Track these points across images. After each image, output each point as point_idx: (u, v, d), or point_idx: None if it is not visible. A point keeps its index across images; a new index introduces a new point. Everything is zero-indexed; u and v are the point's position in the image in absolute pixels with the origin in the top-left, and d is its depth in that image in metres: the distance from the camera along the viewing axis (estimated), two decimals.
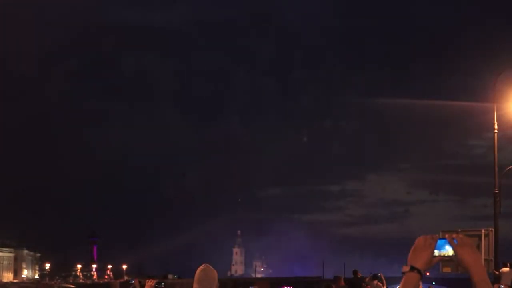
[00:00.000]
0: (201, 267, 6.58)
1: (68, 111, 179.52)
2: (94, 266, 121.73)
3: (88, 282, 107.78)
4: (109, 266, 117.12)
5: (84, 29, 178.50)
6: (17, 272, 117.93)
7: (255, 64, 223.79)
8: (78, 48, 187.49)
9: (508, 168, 27.68)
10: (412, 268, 3.37)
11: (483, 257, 15.88)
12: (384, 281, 24.05)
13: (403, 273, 3.41)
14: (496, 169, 25.16)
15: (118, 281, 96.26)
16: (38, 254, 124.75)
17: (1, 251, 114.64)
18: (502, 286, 18.56)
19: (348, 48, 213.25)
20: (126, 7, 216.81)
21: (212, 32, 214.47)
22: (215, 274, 6.56)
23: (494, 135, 25.45)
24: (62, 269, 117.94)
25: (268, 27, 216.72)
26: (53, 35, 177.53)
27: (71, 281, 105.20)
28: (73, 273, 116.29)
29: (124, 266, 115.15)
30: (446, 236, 3.39)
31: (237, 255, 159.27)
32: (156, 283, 10.26)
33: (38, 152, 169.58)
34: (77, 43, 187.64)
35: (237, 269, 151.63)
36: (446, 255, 3.37)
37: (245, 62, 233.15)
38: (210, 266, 6.60)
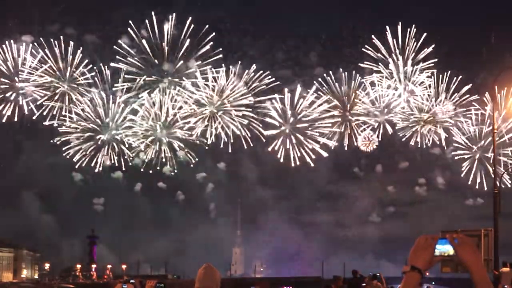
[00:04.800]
0: (203, 266, 6.57)
1: None
2: (94, 266, 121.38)
3: (88, 282, 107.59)
4: (109, 266, 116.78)
5: None
6: (16, 272, 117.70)
7: None
8: None
9: (509, 167, 27.67)
10: (413, 268, 3.38)
11: (482, 257, 15.90)
12: (384, 281, 24.06)
13: (404, 272, 3.42)
14: (496, 168, 25.18)
15: (118, 280, 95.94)
16: (38, 254, 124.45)
17: (1, 251, 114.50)
18: (506, 287, 18.51)
19: None
20: None
21: None
22: (217, 273, 6.53)
23: (493, 135, 25.48)
24: (62, 269, 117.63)
25: None
26: None
27: (70, 281, 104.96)
28: (73, 273, 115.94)
29: (124, 266, 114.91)
30: (447, 236, 3.40)
31: (237, 255, 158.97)
32: (157, 284, 10.27)
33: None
34: None
35: (237, 269, 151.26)
36: (446, 254, 3.37)
37: None
38: (212, 265, 6.59)
